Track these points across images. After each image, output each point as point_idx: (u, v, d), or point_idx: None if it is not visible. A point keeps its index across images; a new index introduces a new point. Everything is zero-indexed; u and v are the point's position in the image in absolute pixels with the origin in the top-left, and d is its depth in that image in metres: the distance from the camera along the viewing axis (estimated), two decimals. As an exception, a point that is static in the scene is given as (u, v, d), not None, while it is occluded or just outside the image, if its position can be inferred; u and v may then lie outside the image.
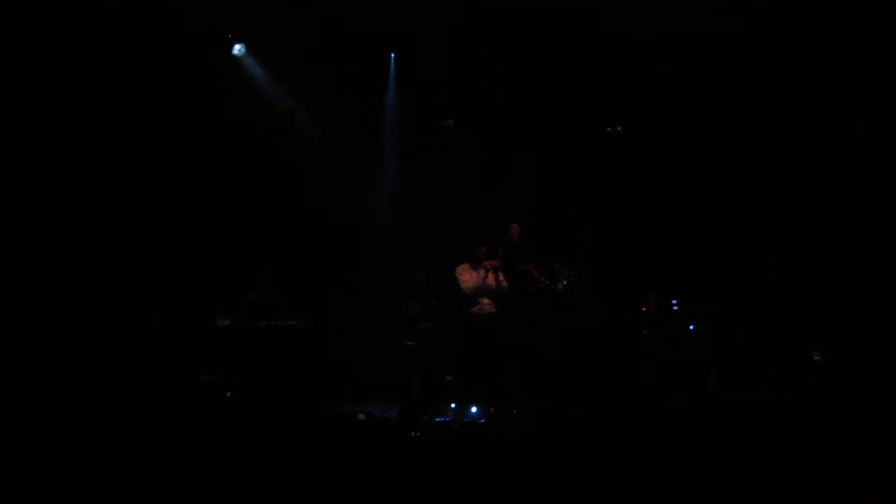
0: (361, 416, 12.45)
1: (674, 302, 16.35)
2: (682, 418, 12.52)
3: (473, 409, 13.93)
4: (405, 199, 17.86)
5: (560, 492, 9.16)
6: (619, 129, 15.90)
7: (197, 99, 16.24)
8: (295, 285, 16.56)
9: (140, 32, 15.42)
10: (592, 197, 16.81)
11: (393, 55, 18.16)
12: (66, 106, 15.26)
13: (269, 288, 16.20)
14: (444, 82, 17.36)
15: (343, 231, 17.54)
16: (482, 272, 14.92)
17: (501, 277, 15.00)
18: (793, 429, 11.47)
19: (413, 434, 11.55)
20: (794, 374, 14.82)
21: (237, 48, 16.95)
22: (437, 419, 13.14)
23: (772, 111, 16.71)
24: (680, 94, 17.03)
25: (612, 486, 9.26)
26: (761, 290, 15.69)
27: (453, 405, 14.14)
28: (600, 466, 9.85)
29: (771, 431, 11.24)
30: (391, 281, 17.19)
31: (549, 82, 17.27)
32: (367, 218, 17.91)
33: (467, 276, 15.00)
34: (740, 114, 16.86)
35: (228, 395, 14.23)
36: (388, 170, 18.27)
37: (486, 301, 15.01)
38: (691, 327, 16.10)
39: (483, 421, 13.18)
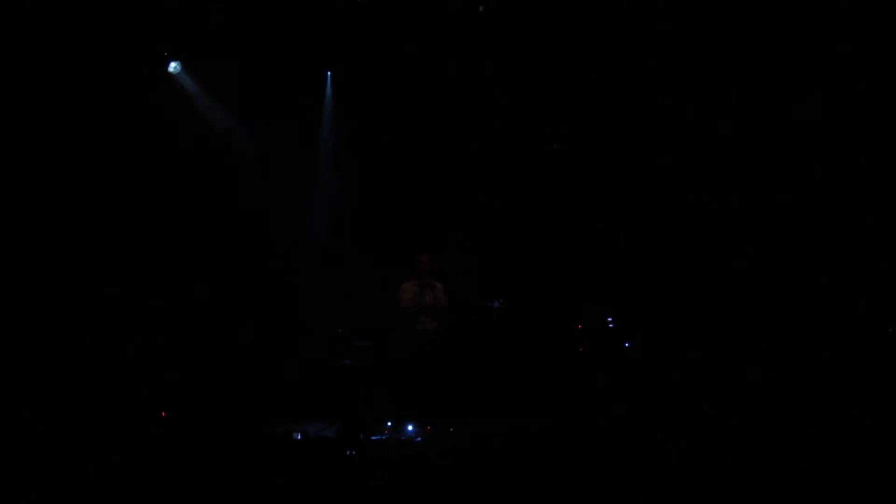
0: (297, 436, 12.41)
1: (609, 319, 16.45)
2: (620, 435, 12.57)
3: (410, 428, 13.97)
4: (346, 216, 17.79)
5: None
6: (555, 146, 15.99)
7: (133, 117, 16.08)
8: (231, 303, 16.51)
9: (76, 47, 15.25)
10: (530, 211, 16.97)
11: (329, 73, 18.12)
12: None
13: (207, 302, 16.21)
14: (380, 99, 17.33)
15: (282, 249, 17.47)
16: (420, 289, 14.95)
17: (441, 294, 15.03)
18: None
19: (349, 452, 11.52)
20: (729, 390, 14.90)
21: (173, 65, 16.85)
22: (374, 437, 13.14)
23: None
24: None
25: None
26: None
27: (389, 423, 14.17)
28: (536, 484, 9.88)
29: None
30: (330, 300, 17.19)
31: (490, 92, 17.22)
32: (307, 236, 17.82)
33: (407, 293, 15.02)
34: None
35: (164, 414, 14.18)
36: (329, 186, 18.19)
37: (426, 318, 15.02)
38: (627, 345, 16.21)
39: (419, 439, 13.20)
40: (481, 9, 15.90)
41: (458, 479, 10.19)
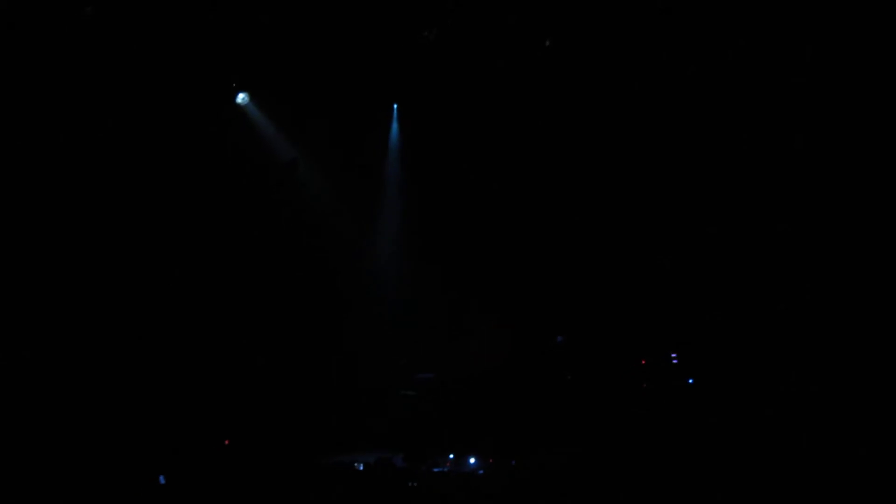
0: (360, 466, 12.42)
1: (673, 355, 16.34)
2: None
3: (472, 460, 13.93)
4: (409, 249, 17.85)
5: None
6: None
7: (200, 147, 16.20)
8: (294, 333, 16.57)
9: (147, 78, 15.40)
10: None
11: (396, 105, 18.19)
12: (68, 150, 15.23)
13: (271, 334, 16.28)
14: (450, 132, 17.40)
15: (345, 282, 17.53)
16: None
17: None
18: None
19: (411, 484, 11.51)
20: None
21: (241, 97, 16.99)
22: (436, 469, 13.12)
23: None
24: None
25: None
26: None
27: (452, 455, 14.15)
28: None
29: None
30: (392, 332, 17.23)
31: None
32: (370, 269, 17.88)
33: None
34: None
35: (227, 442, 14.25)
36: (393, 218, 18.25)
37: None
38: (690, 381, 16.09)
39: (481, 472, 13.16)
40: (547, 43, 15.91)
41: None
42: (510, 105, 17.05)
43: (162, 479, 10.95)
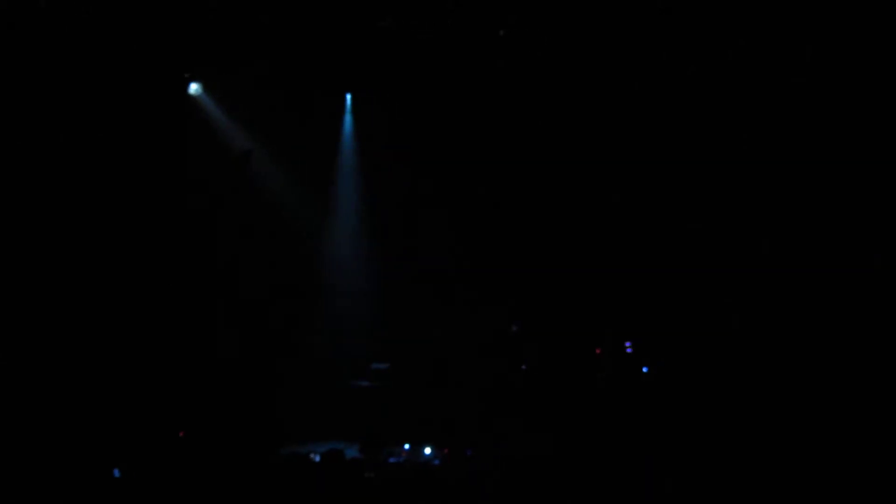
0: (316, 457, 12.38)
1: (627, 344, 16.42)
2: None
3: (427, 450, 13.95)
4: (365, 240, 17.85)
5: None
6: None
7: (154, 139, 16.10)
8: (248, 325, 16.53)
9: (97, 69, 15.26)
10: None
11: (349, 95, 18.17)
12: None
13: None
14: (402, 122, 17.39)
15: (299, 271, 17.50)
16: None
17: None
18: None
19: (367, 475, 11.49)
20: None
21: (194, 87, 16.90)
22: (392, 459, 13.11)
23: None
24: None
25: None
26: None
27: (407, 446, 14.16)
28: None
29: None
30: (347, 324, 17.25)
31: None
32: (325, 259, 17.86)
33: None
34: None
35: (181, 434, 14.20)
36: (347, 207, 18.24)
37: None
38: (644, 369, 16.17)
39: (437, 462, 13.17)
40: (501, 33, 15.90)
41: (475, 502, 10.17)
42: (463, 95, 17.08)
43: (116, 473, 10.89)
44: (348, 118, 18.31)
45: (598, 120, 16.77)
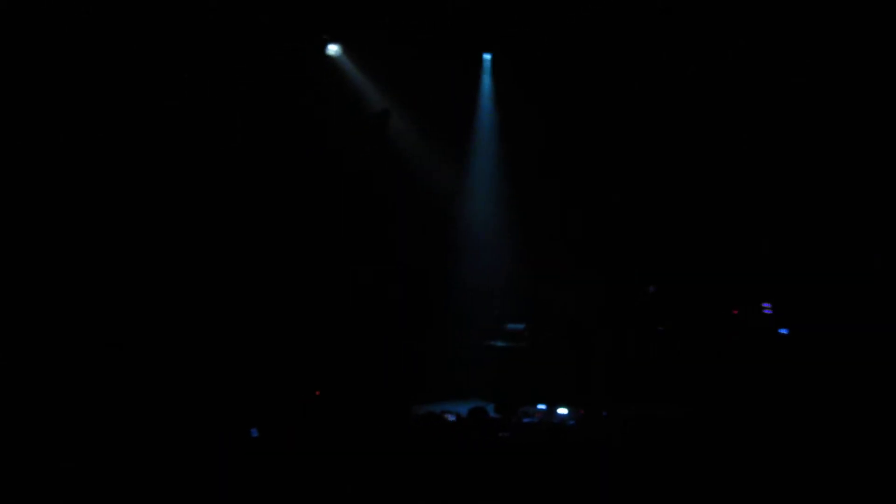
0: (451, 417, 12.51)
1: (766, 305, 16.21)
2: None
3: (562, 411, 13.98)
4: (499, 205, 17.89)
5: (650, 494, 9.16)
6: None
7: (292, 99, 16.28)
8: (384, 287, 16.67)
9: (234, 32, 15.47)
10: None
11: (489, 56, 18.14)
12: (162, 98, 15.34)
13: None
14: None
15: (434, 234, 17.59)
16: None
17: None
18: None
19: (502, 434, 11.56)
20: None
21: (333, 48, 17.05)
22: (526, 420, 13.16)
23: None
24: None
25: (701, 488, 9.24)
26: None
27: (542, 406, 14.21)
28: (689, 470, 9.80)
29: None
30: (482, 287, 17.31)
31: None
32: (464, 219, 17.95)
33: None
34: None
35: (318, 393, 14.42)
36: (484, 174, 18.26)
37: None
38: (784, 332, 15.96)
39: (572, 423, 13.18)
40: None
41: (612, 462, 10.16)
42: (604, 59, 16.99)
43: (254, 432, 11.09)
44: (487, 79, 18.27)
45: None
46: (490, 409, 13.30)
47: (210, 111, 15.30)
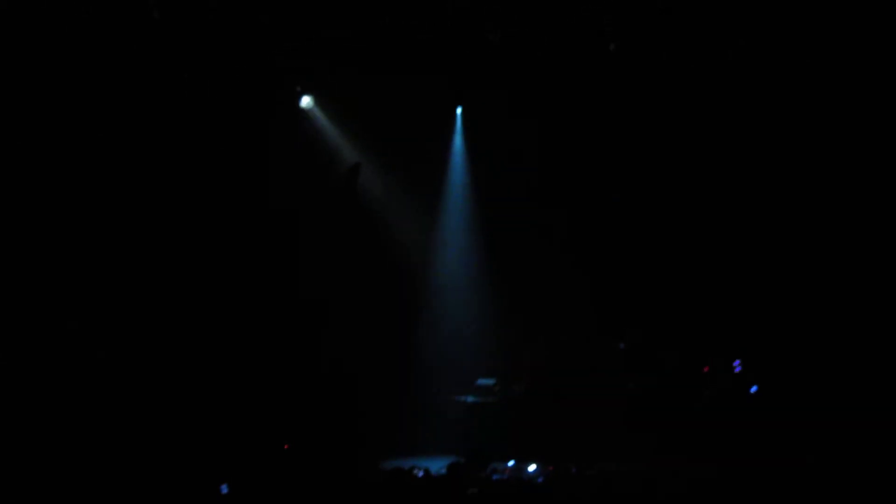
0: (418, 472, 12.40)
1: (736, 363, 16.22)
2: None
3: (532, 468, 13.89)
4: (474, 254, 17.87)
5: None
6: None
7: (264, 151, 16.26)
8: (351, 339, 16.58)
9: (211, 83, 15.48)
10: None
11: (460, 109, 18.17)
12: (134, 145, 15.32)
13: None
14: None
15: (405, 284, 17.55)
16: None
17: None
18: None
19: (470, 491, 11.46)
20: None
21: (305, 100, 17.06)
22: (496, 476, 13.06)
23: None
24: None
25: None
26: None
27: (512, 462, 14.12)
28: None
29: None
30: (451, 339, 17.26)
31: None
32: (436, 273, 17.91)
33: None
34: None
35: (287, 447, 14.32)
36: (455, 223, 18.24)
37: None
38: (754, 389, 15.96)
39: (541, 480, 13.09)
40: (612, 48, 15.85)
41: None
42: (574, 108, 17.01)
43: (224, 489, 10.96)
44: (459, 131, 18.28)
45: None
46: (458, 465, 13.21)
47: (180, 158, 15.29)
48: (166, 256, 15.45)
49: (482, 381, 16.34)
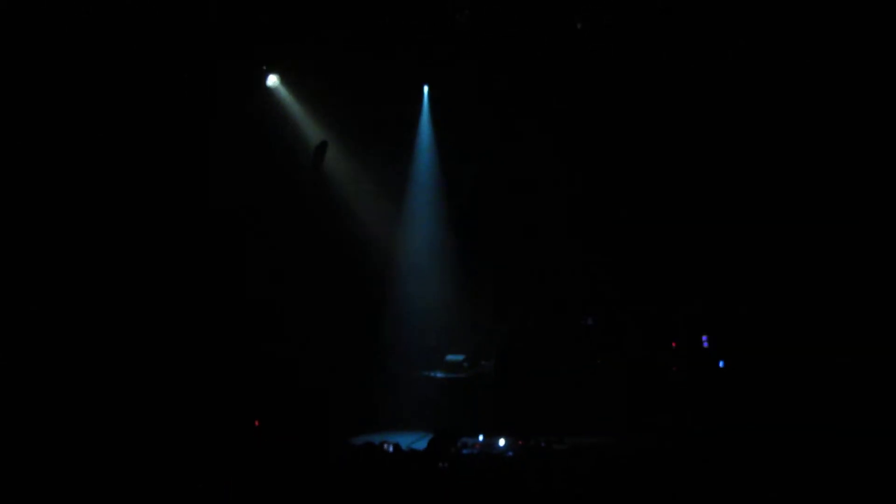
0: (388, 447, 12.44)
1: (704, 338, 16.31)
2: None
3: (501, 442, 13.96)
4: (442, 231, 17.92)
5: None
6: None
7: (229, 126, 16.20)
8: (322, 317, 16.58)
9: (175, 60, 15.38)
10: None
11: (426, 87, 18.17)
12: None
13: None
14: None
15: (373, 263, 17.57)
16: None
17: None
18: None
19: (441, 465, 11.51)
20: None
21: (271, 79, 17.03)
22: (465, 451, 13.12)
23: None
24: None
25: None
26: None
27: (481, 437, 14.19)
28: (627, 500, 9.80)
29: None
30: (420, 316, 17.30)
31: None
32: (404, 250, 17.95)
33: None
34: None
35: (257, 423, 14.33)
36: (423, 202, 18.27)
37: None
38: (721, 364, 16.05)
39: (510, 454, 13.16)
40: (579, 26, 15.88)
41: (549, 494, 10.14)
42: (541, 90, 17.02)
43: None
44: (425, 109, 18.30)
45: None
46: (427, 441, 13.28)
47: (147, 138, 15.20)
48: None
49: (451, 357, 16.38)
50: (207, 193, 15.84)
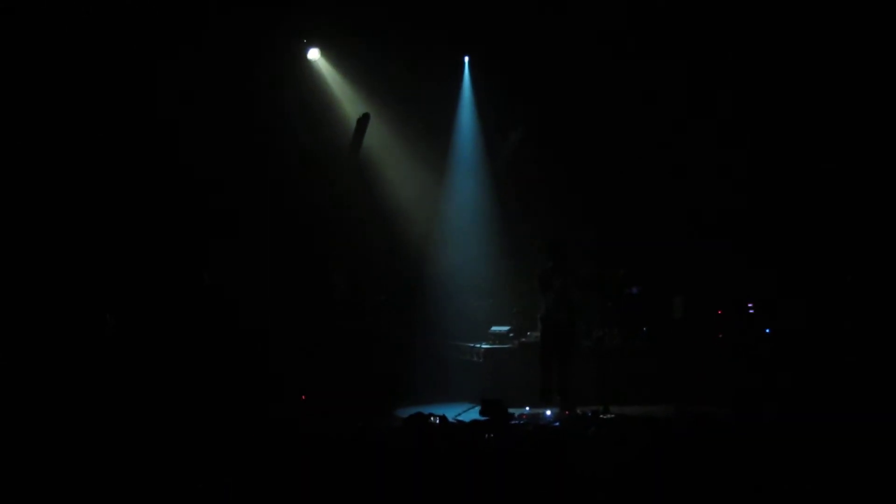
0: (435, 420, 12.45)
1: (749, 305, 16.25)
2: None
3: (548, 413, 13.96)
4: (480, 204, 17.88)
5: (633, 495, 9.11)
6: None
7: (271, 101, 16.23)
8: (374, 290, 16.61)
9: (218, 36, 15.41)
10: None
11: (467, 58, 18.10)
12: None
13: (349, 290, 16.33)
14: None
15: (416, 238, 17.59)
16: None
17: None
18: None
19: (488, 436, 11.50)
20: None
21: (312, 52, 17.02)
22: (512, 422, 13.11)
23: None
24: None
25: (686, 489, 9.19)
26: None
27: (528, 409, 14.20)
28: (677, 471, 9.75)
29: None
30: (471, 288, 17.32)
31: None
32: (447, 222, 17.94)
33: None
34: None
35: (304, 398, 14.38)
36: (463, 172, 18.24)
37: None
38: (767, 331, 15.97)
39: (557, 424, 13.13)
40: None
41: (596, 464, 10.11)
42: (581, 60, 16.92)
43: None
44: (467, 80, 18.25)
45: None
46: (475, 412, 13.31)
47: (190, 113, 15.25)
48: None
49: (496, 329, 16.36)
50: (248, 167, 15.91)
